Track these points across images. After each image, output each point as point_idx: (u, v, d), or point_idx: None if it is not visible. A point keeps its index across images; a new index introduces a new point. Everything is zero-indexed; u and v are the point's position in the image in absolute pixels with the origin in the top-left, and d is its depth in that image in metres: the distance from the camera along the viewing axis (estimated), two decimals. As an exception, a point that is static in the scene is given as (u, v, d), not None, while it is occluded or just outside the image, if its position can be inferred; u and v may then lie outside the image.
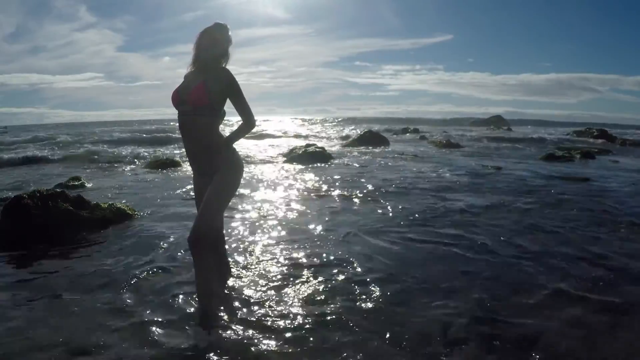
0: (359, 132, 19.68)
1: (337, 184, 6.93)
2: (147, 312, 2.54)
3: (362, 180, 7.33)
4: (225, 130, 2.75)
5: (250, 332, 2.31)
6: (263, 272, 3.14)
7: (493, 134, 23.58)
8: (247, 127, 2.47)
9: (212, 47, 2.40)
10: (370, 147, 14.35)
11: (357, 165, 9.49)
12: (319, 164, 9.79)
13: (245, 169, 2.54)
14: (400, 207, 5.20)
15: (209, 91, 2.30)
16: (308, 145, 11.98)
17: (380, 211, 4.98)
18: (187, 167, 9.03)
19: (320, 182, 7.14)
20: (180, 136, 2.47)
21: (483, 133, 24.57)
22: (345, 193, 6.13)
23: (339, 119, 53.67)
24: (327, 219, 4.66)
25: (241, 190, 6.05)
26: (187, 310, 2.54)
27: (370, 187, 6.61)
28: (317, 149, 11.26)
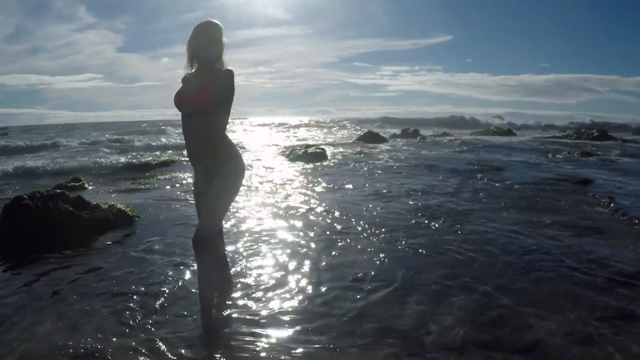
0: (360, 132, 19.69)
1: (336, 184, 6.92)
2: (148, 314, 2.53)
3: (361, 180, 7.33)
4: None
5: (252, 331, 2.30)
6: (262, 271, 3.14)
7: (493, 134, 23.58)
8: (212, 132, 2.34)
9: (211, 46, 2.38)
10: (370, 148, 14.34)
11: (357, 165, 9.49)
12: (319, 164, 9.80)
13: (246, 169, 2.53)
14: (396, 208, 5.19)
15: (211, 93, 2.29)
16: (308, 146, 12.07)
17: (376, 212, 4.98)
18: (187, 169, 9.02)
19: (320, 182, 7.13)
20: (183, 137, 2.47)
21: (483, 133, 24.57)
22: (344, 193, 6.13)
23: (340, 120, 53.63)
24: (324, 219, 4.65)
25: (241, 190, 6.04)
26: (189, 311, 2.53)
27: (369, 187, 6.61)
28: (317, 150, 11.33)
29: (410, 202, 5.53)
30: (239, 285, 2.90)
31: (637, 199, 5.82)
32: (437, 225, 4.38)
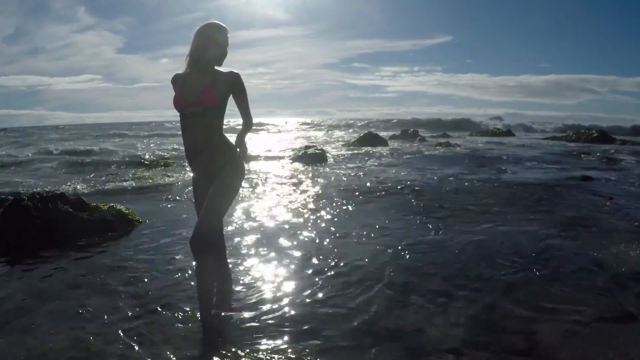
0: (359, 133, 19.71)
1: (335, 184, 6.92)
2: (147, 314, 2.53)
3: (360, 181, 7.33)
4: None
5: (251, 332, 2.30)
6: (262, 272, 3.14)
7: (492, 135, 23.62)
8: (248, 127, 2.54)
9: (215, 48, 2.38)
10: (369, 149, 14.35)
11: (356, 167, 9.49)
12: (318, 165, 9.81)
13: (247, 169, 2.54)
14: (394, 208, 5.19)
15: (219, 93, 2.33)
16: (308, 147, 12.09)
17: (374, 213, 4.97)
18: (186, 170, 9.02)
19: (320, 182, 7.14)
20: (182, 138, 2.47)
21: (483, 134, 24.61)
22: (343, 194, 6.12)
23: (339, 121, 53.69)
24: (324, 219, 4.65)
25: (241, 191, 6.05)
26: (188, 312, 2.53)
27: (367, 188, 6.61)
28: (317, 151, 11.34)
29: (408, 203, 5.53)
30: (237, 285, 2.90)
31: (637, 199, 5.82)
32: (435, 226, 4.38)
